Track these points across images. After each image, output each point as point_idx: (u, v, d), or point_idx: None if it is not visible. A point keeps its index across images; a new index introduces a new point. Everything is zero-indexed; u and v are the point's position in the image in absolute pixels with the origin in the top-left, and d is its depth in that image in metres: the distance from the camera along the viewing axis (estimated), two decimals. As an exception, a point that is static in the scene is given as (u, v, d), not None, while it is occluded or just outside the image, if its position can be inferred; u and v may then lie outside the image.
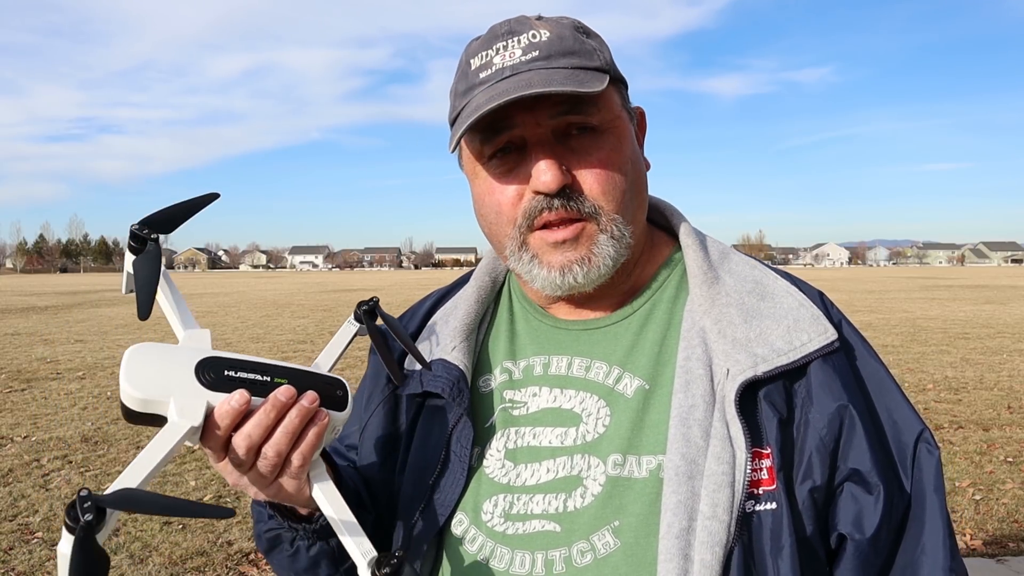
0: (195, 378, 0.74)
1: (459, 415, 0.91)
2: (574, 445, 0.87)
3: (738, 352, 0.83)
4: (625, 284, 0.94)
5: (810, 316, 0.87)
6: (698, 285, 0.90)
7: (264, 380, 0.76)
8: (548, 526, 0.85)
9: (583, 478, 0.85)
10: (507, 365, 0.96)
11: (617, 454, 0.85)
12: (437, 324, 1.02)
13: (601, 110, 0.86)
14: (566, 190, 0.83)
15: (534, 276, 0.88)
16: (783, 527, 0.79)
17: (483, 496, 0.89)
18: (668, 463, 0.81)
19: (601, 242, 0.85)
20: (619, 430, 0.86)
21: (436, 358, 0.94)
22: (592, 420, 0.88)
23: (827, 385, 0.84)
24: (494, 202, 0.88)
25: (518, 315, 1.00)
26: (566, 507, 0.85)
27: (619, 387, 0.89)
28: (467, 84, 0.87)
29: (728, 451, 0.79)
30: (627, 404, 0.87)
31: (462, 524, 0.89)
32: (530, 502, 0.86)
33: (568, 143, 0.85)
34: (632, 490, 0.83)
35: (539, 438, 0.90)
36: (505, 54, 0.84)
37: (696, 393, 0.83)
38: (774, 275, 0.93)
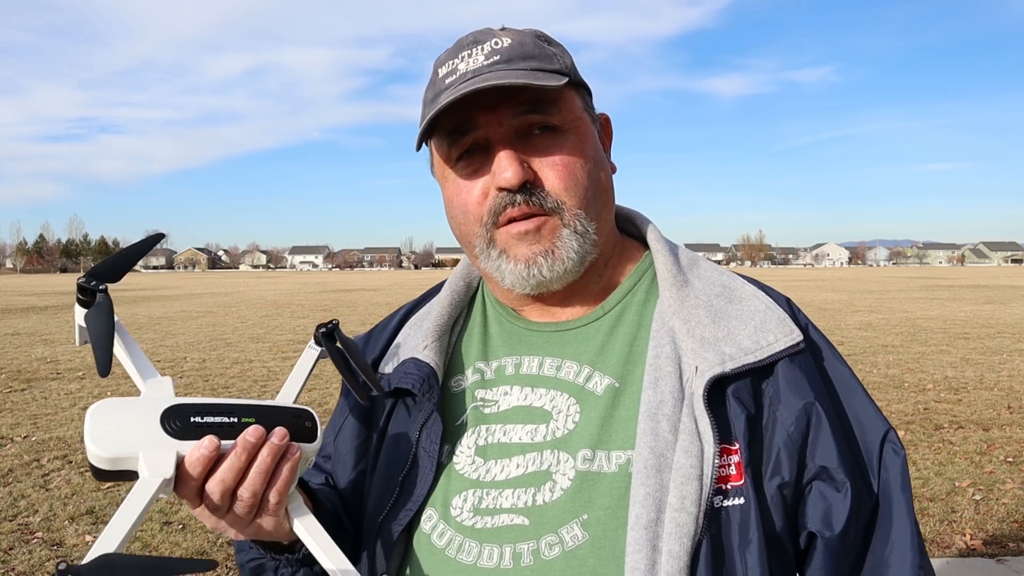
0: (162, 429, 0.73)
1: (429, 411, 0.92)
2: (544, 441, 0.89)
3: (706, 350, 0.86)
4: (596, 286, 0.96)
5: (776, 318, 0.89)
6: (668, 287, 0.93)
7: (231, 422, 0.76)
8: (517, 520, 0.86)
9: (552, 473, 0.87)
10: (479, 366, 0.98)
11: (587, 449, 0.86)
12: (410, 330, 1.04)
13: (562, 111, 0.89)
14: (528, 186, 0.86)
15: (502, 272, 0.90)
16: (751, 522, 0.81)
17: (453, 492, 0.90)
18: (637, 456, 0.82)
19: (564, 236, 0.88)
20: (588, 426, 0.88)
21: (408, 357, 0.97)
22: (562, 417, 0.90)
23: (794, 383, 0.86)
24: (461, 202, 0.91)
25: (491, 318, 1.02)
26: (535, 501, 0.86)
27: (589, 385, 0.91)
28: (435, 91, 0.90)
29: (696, 445, 0.81)
30: (597, 401, 0.89)
31: (431, 519, 0.90)
32: (499, 497, 0.88)
33: (530, 141, 0.88)
34: (601, 484, 0.84)
35: (509, 435, 0.91)
36: (469, 60, 0.88)
37: (665, 389, 0.85)
38: (742, 280, 0.96)
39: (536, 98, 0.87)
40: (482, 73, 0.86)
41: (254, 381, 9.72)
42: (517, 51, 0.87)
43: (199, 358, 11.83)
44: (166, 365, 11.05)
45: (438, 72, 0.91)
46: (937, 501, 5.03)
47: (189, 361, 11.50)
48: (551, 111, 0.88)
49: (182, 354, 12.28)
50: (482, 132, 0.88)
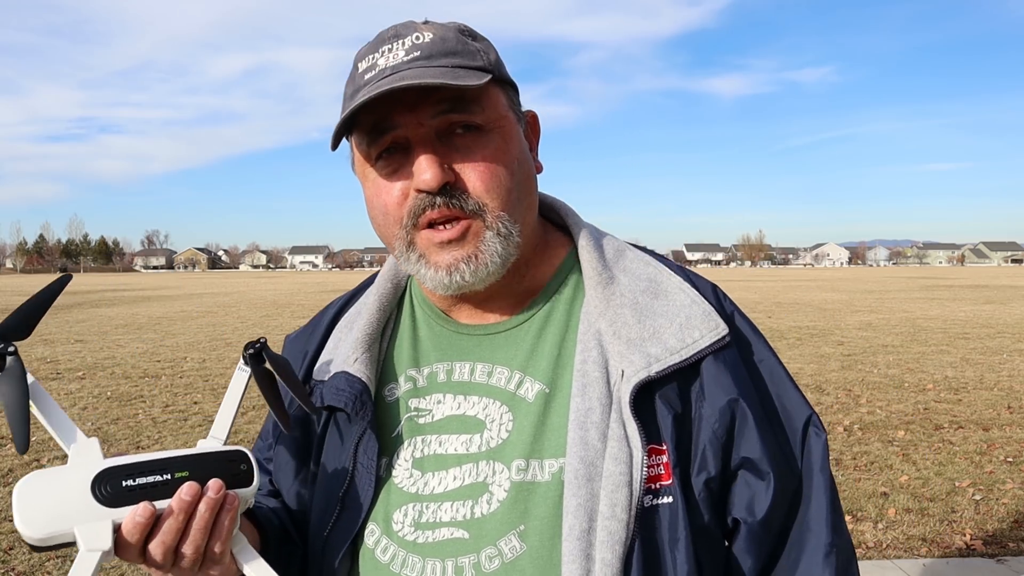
0: (93, 498, 0.72)
1: (363, 428, 0.91)
2: (479, 452, 0.89)
3: (632, 353, 0.85)
4: (519, 286, 0.94)
5: (702, 313, 0.89)
6: (593, 287, 0.92)
7: (164, 480, 0.74)
8: (457, 533, 0.86)
9: (488, 484, 0.87)
10: (411, 373, 0.96)
11: (520, 459, 0.86)
12: (342, 332, 1.02)
13: (485, 109, 0.86)
14: (448, 187, 0.84)
15: (423, 276, 0.88)
16: (679, 519, 0.82)
17: (393, 506, 0.90)
18: (568, 467, 0.83)
19: (487, 239, 0.85)
20: (521, 435, 0.87)
21: (339, 371, 0.95)
22: (495, 426, 0.89)
23: (718, 380, 0.87)
24: (381, 203, 0.88)
25: (420, 321, 1.00)
26: (473, 514, 0.86)
27: (520, 392, 0.90)
28: (354, 87, 0.87)
29: (625, 451, 0.82)
30: (528, 409, 0.88)
31: (374, 534, 0.90)
32: (439, 510, 0.88)
33: (452, 142, 0.85)
34: (536, 494, 0.85)
35: (445, 445, 0.90)
36: (389, 55, 0.85)
37: (592, 396, 0.85)
38: (668, 271, 0.95)
39: (457, 96, 0.84)
40: (400, 70, 0.83)
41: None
42: (439, 47, 0.85)
43: (199, 358, 11.83)
44: (166, 365, 11.06)
45: (358, 67, 0.88)
46: (937, 501, 5.03)
47: (189, 361, 11.50)
48: (473, 110, 0.85)
49: (182, 354, 12.28)
50: (401, 132, 0.85)
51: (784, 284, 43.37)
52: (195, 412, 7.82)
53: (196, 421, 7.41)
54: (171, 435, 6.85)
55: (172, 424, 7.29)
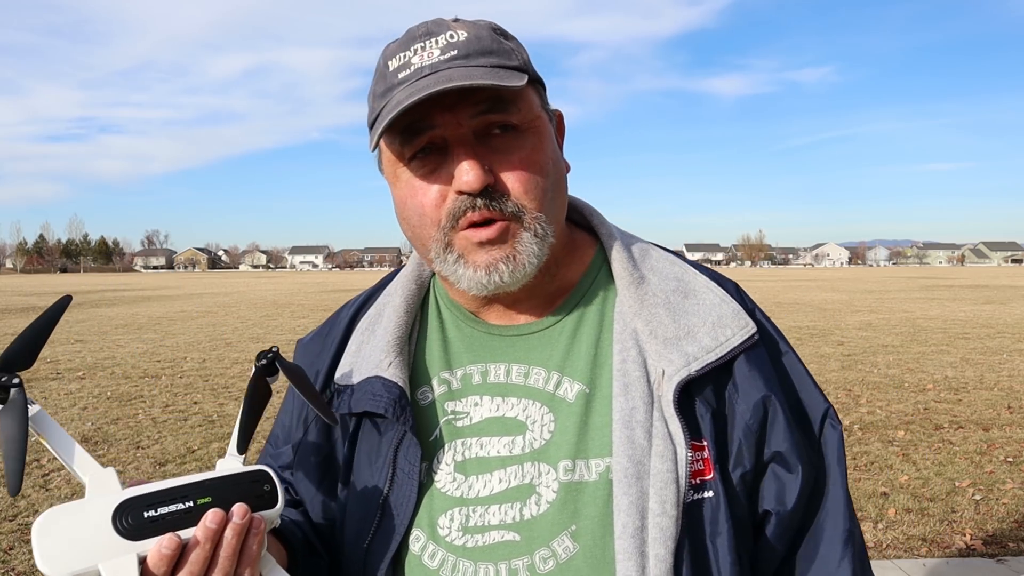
0: (115, 532, 0.69)
1: (403, 433, 0.90)
2: (523, 453, 0.89)
3: (670, 352, 0.87)
4: (550, 286, 0.94)
5: (732, 311, 0.91)
6: (626, 287, 0.92)
7: (187, 508, 0.73)
8: (508, 536, 0.86)
9: (535, 485, 0.87)
10: (444, 375, 0.95)
11: (567, 459, 0.87)
12: (363, 335, 1.00)
13: (521, 110, 0.86)
14: (489, 190, 0.83)
15: (459, 276, 0.87)
16: (720, 512, 0.84)
17: (437, 511, 0.89)
18: (616, 466, 0.84)
19: (525, 240, 0.85)
20: (565, 435, 0.88)
21: (372, 375, 0.93)
22: (537, 427, 0.89)
23: (750, 377, 0.89)
24: (417, 204, 0.87)
25: (448, 322, 0.99)
26: (522, 515, 0.86)
27: (560, 392, 0.90)
28: (385, 85, 0.86)
29: (670, 448, 0.83)
30: (570, 409, 0.89)
31: (419, 540, 0.89)
32: (486, 513, 0.87)
33: (489, 143, 0.85)
34: (584, 494, 0.85)
35: (486, 448, 0.90)
36: (423, 54, 0.84)
37: (635, 395, 0.86)
38: (693, 271, 0.96)
39: (495, 96, 0.83)
40: (439, 69, 0.82)
41: (254, 381, 9.71)
42: (475, 46, 0.84)
43: (199, 358, 11.83)
44: (166, 365, 11.06)
45: (388, 65, 0.86)
46: (937, 501, 5.03)
47: (189, 361, 11.50)
48: (511, 110, 0.84)
49: (182, 354, 12.28)
50: (439, 132, 0.84)
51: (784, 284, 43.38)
52: (195, 412, 7.82)
53: (196, 421, 7.41)
54: (171, 435, 6.85)
55: (172, 424, 7.29)
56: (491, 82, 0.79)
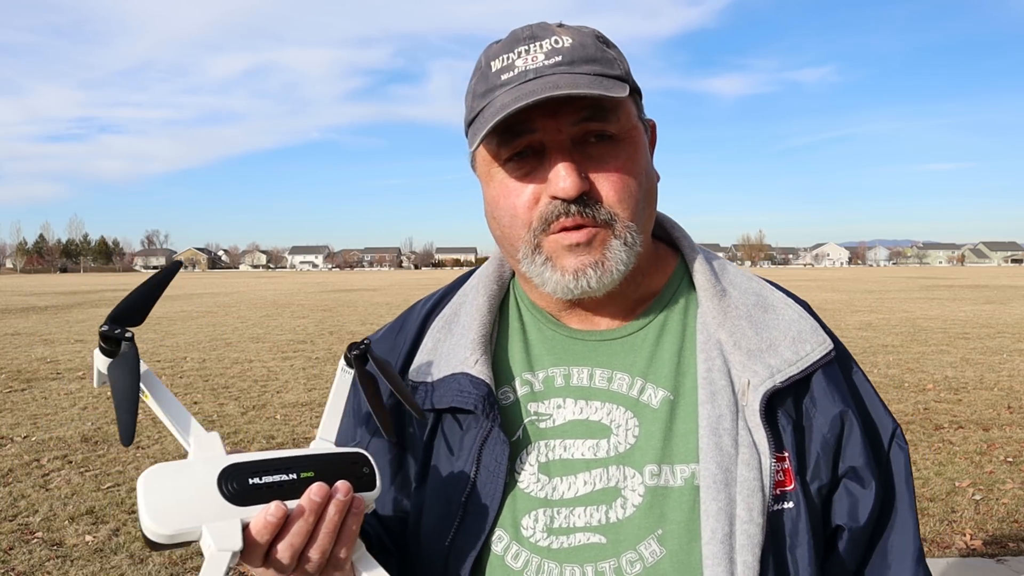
0: (220, 495, 0.69)
1: (489, 429, 0.90)
2: (607, 457, 0.89)
3: (755, 363, 0.88)
4: (634, 294, 0.95)
5: (810, 327, 0.93)
6: (709, 298, 0.94)
7: (291, 479, 0.72)
8: (594, 538, 0.86)
9: (621, 489, 0.88)
10: (526, 376, 0.96)
11: (652, 464, 0.88)
12: (439, 333, 1.00)
13: (620, 119, 0.87)
14: (583, 196, 0.84)
15: (546, 279, 0.88)
16: (800, 523, 0.86)
17: (521, 511, 0.89)
18: (704, 471, 0.85)
19: (614, 248, 0.86)
20: (650, 441, 0.89)
21: (458, 372, 0.93)
22: (622, 431, 0.90)
23: (828, 391, 0.91)
24: (509, 205, 0.88)
25: (529, 325, 0.99)
26: (608, 518, 0.87)
27: (644, 398, 0.91)
28: (488, 85, 0.87)
29: (755, 457, 0.85)
30: (655, 415, 0.90)
31: (502, 541, 0.89)
32: (571, 515, 0.88)
33: (586, 150, 0.86)
34: (670, 499, 0.86)
35: (570, 450, 0.90)
36: (527, 57, 0.85)
37: (722, 403, 0.87)
38: (769, 287, 0.98)
39: (596, 105, 0.84)
40: (544, 75, 0.83)
41: (254, 381, 9.72)
42: (579, 53, 0.85)
43: (199, 358, 11.84)
44: (166, 365, 11.06)
45: (491, 65, 0.87)
46: (937, 501, 5.03)
47: (189, 361, 11.50)
48: (610, 119, 0.85)
49: (182, 354, 12.28)
50: (538, 136, 0.85)
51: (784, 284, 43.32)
52: (195, 412, 7.82)
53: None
54: (171, 435, 6.84)
55: (172, 424, 7.29)
56: (596, 91, 0.80)
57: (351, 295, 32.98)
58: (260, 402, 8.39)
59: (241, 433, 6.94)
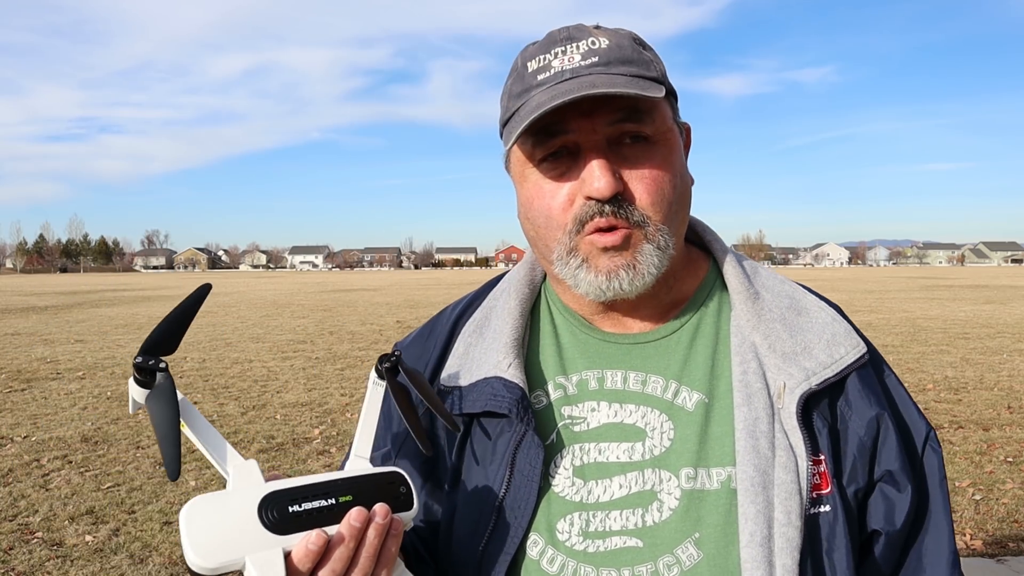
0: (261, 526, 0.69)
1: (523, 432, 0.89)
2: (643, 460, 0.89)
3: (790, 366, 0.88)
4: (667, 297, 0.95)
5: (844, 331, 0.92)
6: (742, 301, 0.94)
7: (330, 505, 0.73)
8: (630, 542, 0.86)
9: (657, 492, 0.87)
10: (559, 380, 0.95)
11: (688, 467, 0.87)
12: (471, 337, 1.00)
13: (655, 121, 0.86)
14: (618, 197, 0.84)
15: (579, 281, 0.88)
16: (838, 527, 0.85)
17: (556, 515, 0.89)
18: (742, 474, 0.84)
19: (646, 251, 0.86)
20: (686, 444, 0.88)
21: (491, 376, 0.93)
22: (657, 434, 0.89)
23: (863, 394, 0.90)
24: (544, 206, 0.88)
25: (561, 328, 0.99)
26: (645, 522, 0.86)
27: (678, 401, 0.91)
28: (523, 85, 0.87)
29: (792, 460, 0.84)
30: (690, 418, 0.89)
31: (537, 545, 0.88)
32: (607, 519, 0.87)
33: (621, 151, 0.85)
34: (707, 502, 0.86)
35: (605, 454, 0.90)
36: (564, 58, 0.85)
37: (758, 406, 0.87)
38: (802, 290, 0.98)
39: (632, 106, 0.84)
40: (580, 75, 0.83)
41: (254, 381, 9.72)
42: (616, 54, 0.85)
43: (199, 358, 11.84)
44: (166, 365, 11.06)
45: (527, 66, 0.87)
46: (937, 501, 5.03)
47: (189, 361, 11.50)
48: (645, 121, 0.85)
49: (182, 354, 12.28)
50: (573, 137, 0.84)
51: (784, 284, 43.33)
52: (195, 412, 7.82)
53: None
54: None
55: (172, 424, 7.29)
56: (633, 91, 0.80)
57: (351, 295, 32.97)
58: (260, 402, 8.39)
59: (241, 433, 6.93)
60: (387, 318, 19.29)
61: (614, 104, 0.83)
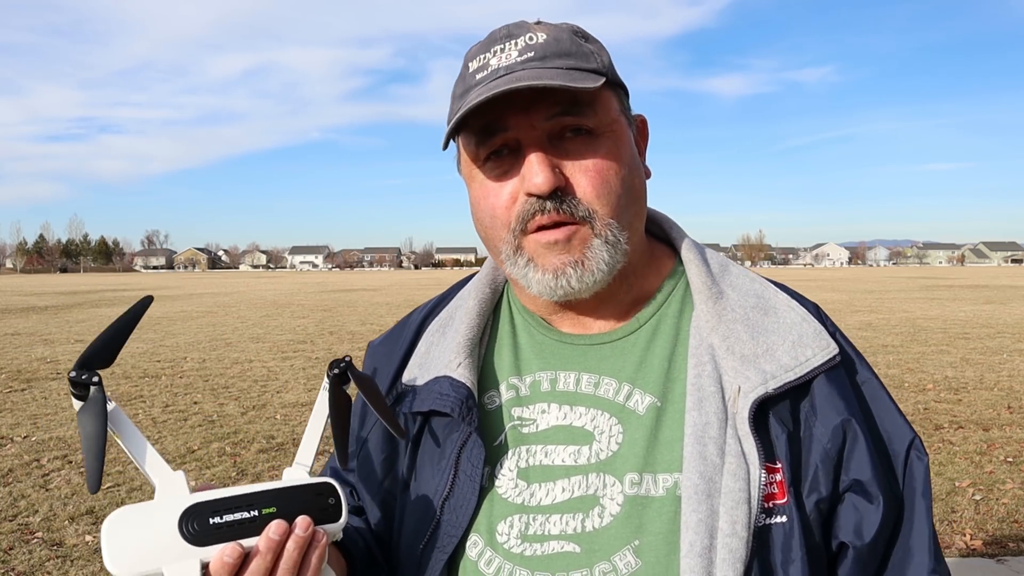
0: (180, 536, 0.71)
1: (468, 434, 0.89)
2: (588, 464, 0.87)
3: (747, 369, 0.85)
4: (627, 296, 0.93)
5: (813, 331, 0.88)
6: (704, 301, 0.91)
7: (251, 516, 0.73)
8: (568, 547, 0.84)
9: (600, 497, 0.85)
10: (513, 381, 0.94)
11: (633, 472, 0.85)
12: (433, 337, 1.00)
13: (597, 113, 0.85)
14: (559, 192, 0.82)
15: (529, 280, 0.87)
16: (794, 539, 0.81)
17: (497, 517, 0.88)
18: (686, 481, 0.81)
19: (595, 246, 0.84)
20: (633, 448, 0.86)
21: (441, 375, 0.93)
22: (605, 438, 0.88)
23: (830, 399, 0.86)
24: (489, 206, 0.87)
25: (520, 328, 0.98)
26: (584, 527, 0.84)
27: (630, 404, 0.88)
28: (464, 86, 0.86)
29: (743, 468, 0.81)
30: (640, 421, 0.87)
31: (476, 546, 0.88)
32: (547, 522, 0.86)
33: (562, 145, 0.84)
34: (650, 509, 0.83)
35: (551, 456, 0.88)
36: (502, 56, 0.84)
37: (709, 411, 0.84)
38: (773, 288, 0.94)
39: (571, 99, 0.83)
40: (515, 70, 0.82)
41: (254, 381, 9.72)
42: (553, 48, 0.84)
43: (199, 358, 11.84)
44: (166, 365, 11.06)
45: (468, 66, 0.87)
46: (937, 501, 5.02)
47: (189, 361, 11.50)
48: (586, 113, 0.84)
49: (182, 354, 12.28)
50: (512, 134, 0.84)
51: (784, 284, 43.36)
52: (195, 412, 7.82)
53: (196, 421, 7.41)
54: (171, 435, 6.85)
55: (172, 424, 7.29)
56: (560, 83, 0.78)
57: (351, 295, 32.94)
58: (260, 402, 8.39)
59: (241, 433, 6.93)
60: (387, 318, 19.28)
61: (553, 98, 0.82)
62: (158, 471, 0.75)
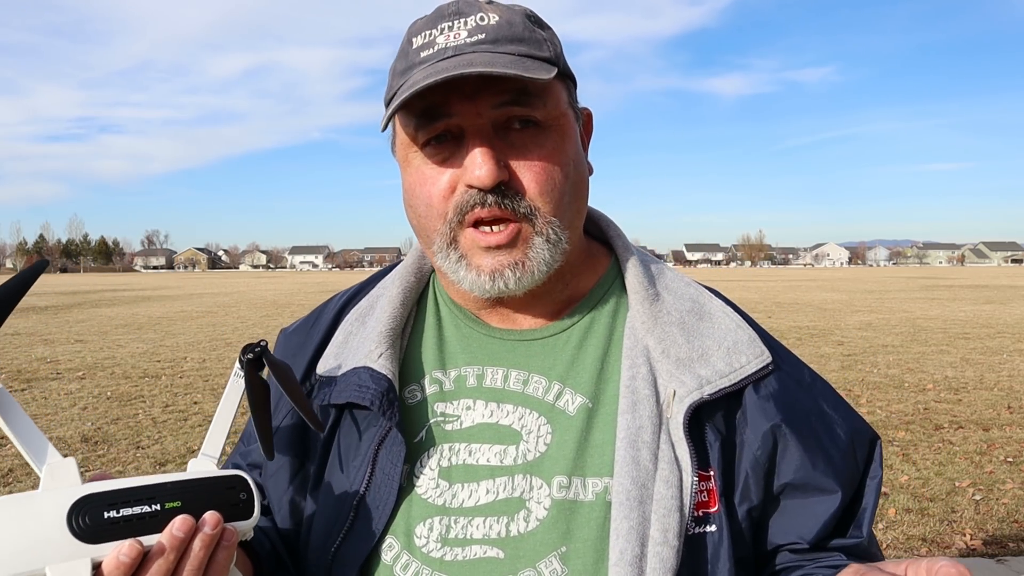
0: (69, 532, 0.62)
1: (387, 428, 0.84)
2: (514, 464, 0.83)
3: (683, 373, 0.82)
4: (561, 294, 0.90)
5: (748, 338, 0.87)
6: (640, 302, 0.88)
7: (153, 511, 0.65)
8: (490, 552, 0.80)
9: (526, 500, 0.81)
10: (436, 375, 0.90)
11: (562, 475, 0.81)
12: (351, 326, 0.95)
13: (546, 105, 0.81)
14: (501, 186, 0.78)
15: (461, 277, 0.83)
16: (723, 549, 0.79)
17: (416, 518, 0.83)
18: (618, 487, 0.78)
19: (536, 245, 0.81)
20: (563, 450, 0.82)
21: (360, 366, 0.87)
22: (532, 438, 0.84)
23: (761, 406, 0.84)
24: (425, 193, 0.82)
25: (446, 320, 0.93)
26: (509, 531, 0.81)
27: (560, 403, 0.85)
28: (407, 63, 0.81)
29: (676, 474, 0.79)
30: (570, 422, 0.84)
31: (392, 549, 0.83)
32: (469, 525, 0.81)
33: (508, 137, 0.80)
34: (579, 514, 0.80)
35: (476, 455, 0.84)
36: (449, 34, 0.79)
37: (643, 414, 0.81)
38: (708, 294, 0.93)
39: (521, 88, 0.78)
40: (464, 52, 0.77)
41: (254, 381, 9.70)
42: (505, 31, 0.79)
43: (199, 358, 11.83)
44: (166, 365, 11.05)
45: (412, 42, 0.81)
46: (937, 501, 5.02)
47: (189, 361, 11.49)
48: (535, 104, 0.79)
49: (182, 354, 12.28)
50: (456, 120, 0.79)
51: (784, 284, 43.36)
52: (195, 412, 7.82)
53: (196, 421, 7.41)
54: (171, 435, 6.84)
55: (172, 424, 7.29)
56: (514, 72, 0.74)
57: (351, 295, 32.88)
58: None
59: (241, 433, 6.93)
60: (387, 318, 19.25)
61: (501, 86, 0.77)
62: (43, 454, 0.67)
